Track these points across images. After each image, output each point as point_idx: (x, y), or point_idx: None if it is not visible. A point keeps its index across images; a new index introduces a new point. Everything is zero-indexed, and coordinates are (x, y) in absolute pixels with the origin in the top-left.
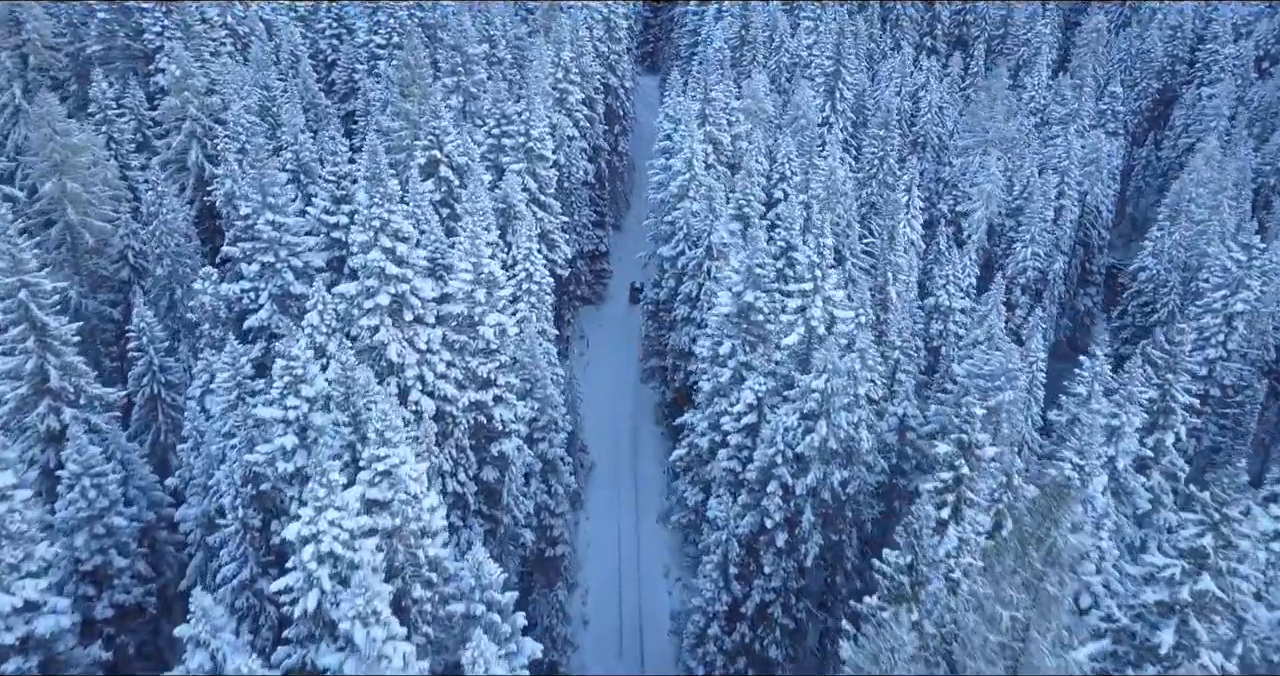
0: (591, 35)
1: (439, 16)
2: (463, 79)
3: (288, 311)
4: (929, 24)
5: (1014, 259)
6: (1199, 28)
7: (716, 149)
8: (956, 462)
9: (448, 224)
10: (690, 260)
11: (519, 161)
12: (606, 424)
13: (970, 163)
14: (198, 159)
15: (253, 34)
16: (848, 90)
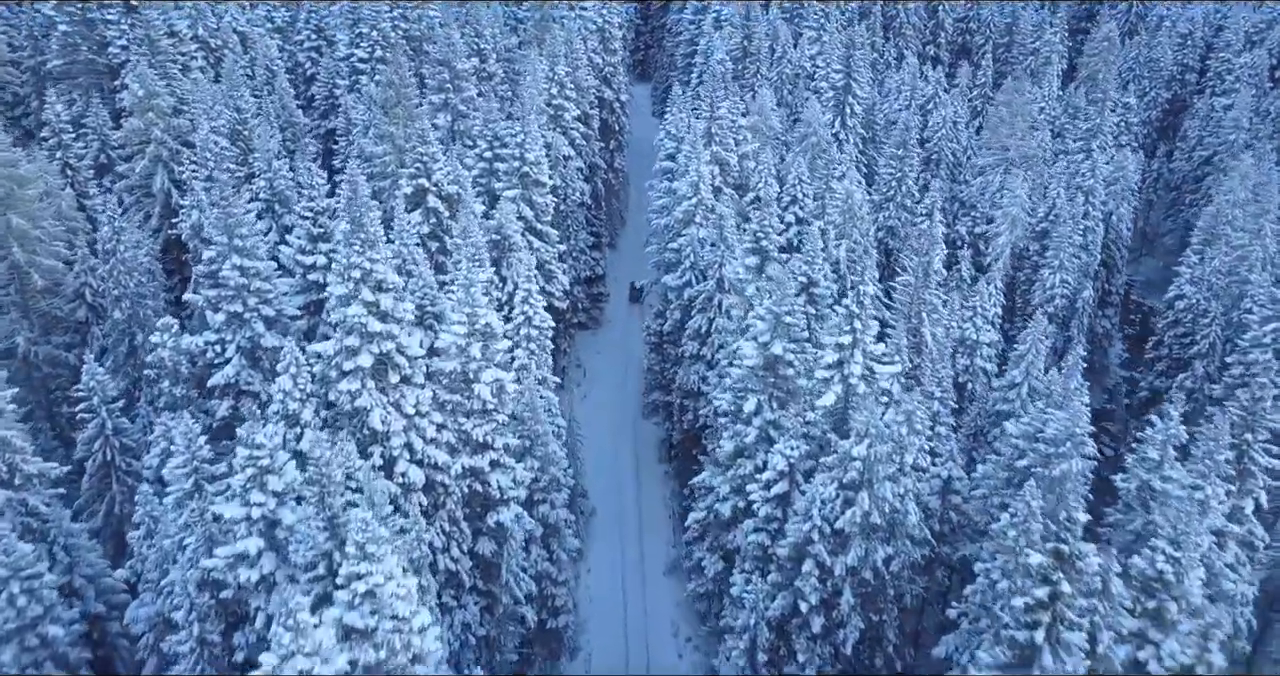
0: (586, 47)
1: (425, 28)
2: (451, 96)
3: (258, 366)
4: (932, 32)
5: (1040, 286)
6: (1208, 35)
7: (723, 169)
8: (1054, 577)
9: (437, 258)
10: (699, 293)
11: (514, 187)
12: (606, 461)
13: (990, 182)
14: (164, 185)
15: (226, 47)
16: (858, 105)
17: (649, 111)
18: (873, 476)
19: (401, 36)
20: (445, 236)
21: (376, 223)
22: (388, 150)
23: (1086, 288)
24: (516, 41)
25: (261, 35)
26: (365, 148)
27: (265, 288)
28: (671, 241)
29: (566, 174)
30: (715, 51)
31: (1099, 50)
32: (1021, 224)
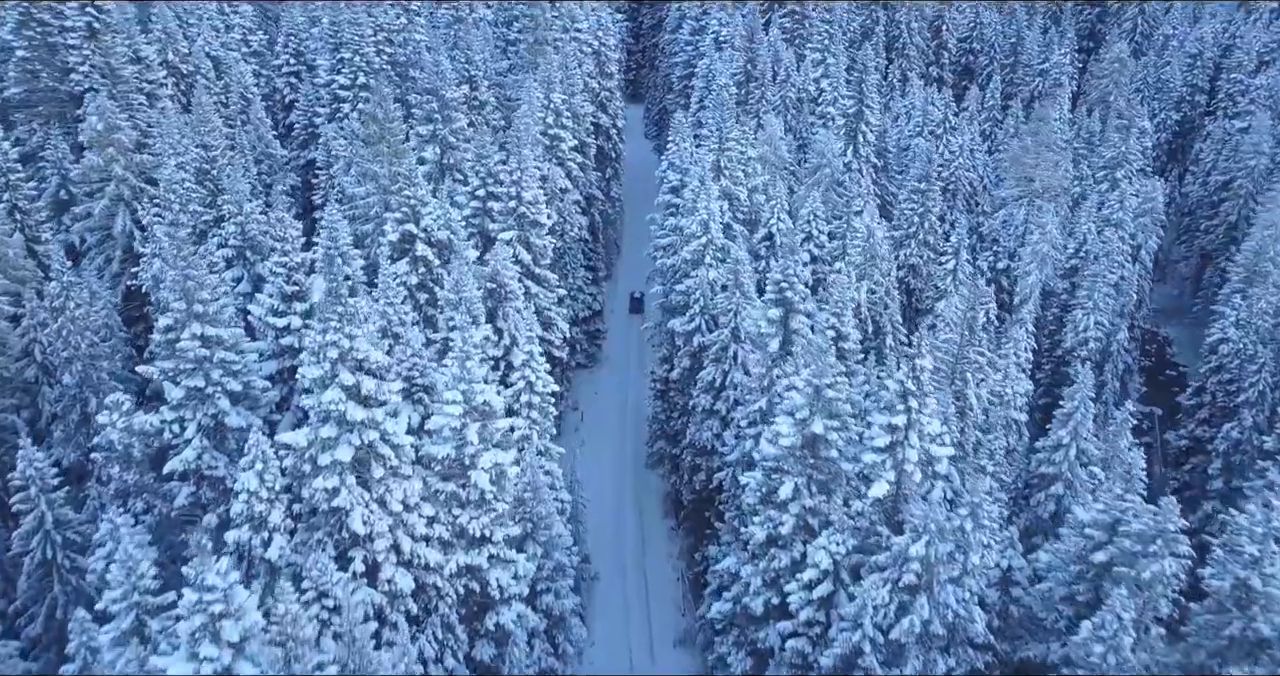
0: (582, 71)
1: (411, 52)
2: (440, 127)
3: (223, 447)
4: (935, 53)
5: (1072, 328)
6: (1217, 55)
7: (732, 204)
8: None
9: (426, 310)
10: (713, 343)
11: (510, 229)
12: (608, 516)
13: (1014, 215)
14: (126, 226)
15: (199, 73)
16: (870, 132)
17: (641, 132)
18: (933, 578)
19: (386, 62)
20: (436, 287)
21: (356, 292)
22: (371, 191)
23: (1121, 329)
24: (507, 64)
25: (237, 60)
26: (346, 188)
27: (230, 359)
28: (678, 283)
29: (564, 208)
30: (718, 75)
31: (1110, 71)
32: (1051, 261)
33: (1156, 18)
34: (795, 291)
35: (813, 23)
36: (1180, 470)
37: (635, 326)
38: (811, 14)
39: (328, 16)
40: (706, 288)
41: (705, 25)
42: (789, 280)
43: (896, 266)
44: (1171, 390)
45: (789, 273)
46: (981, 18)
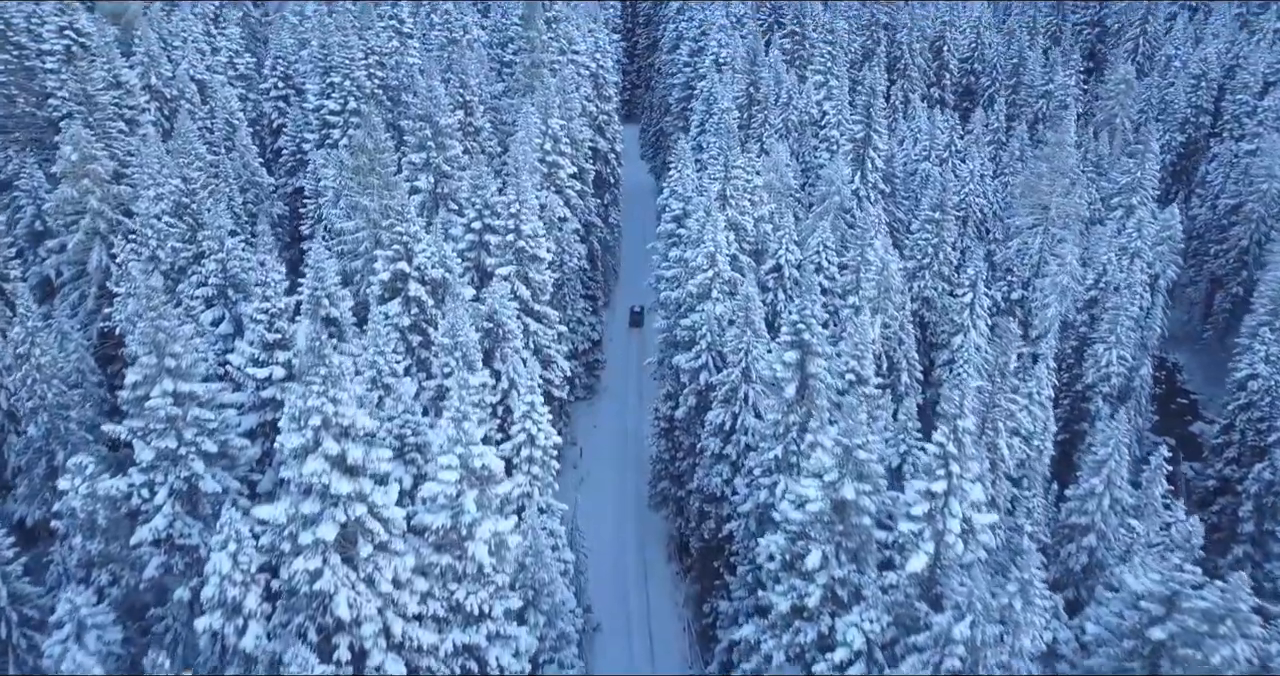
0: (579, 94)
1: (403, 76)
2: (434, 155)
3: (196, 513)
4: (936, 74)
5: (1094, 363)
6: (1221, 77)
7: (738, 234)
8: None
9: (419, 353)
10: (722, 383)
11: (508, 263)
12: (608, 558)
13: (1029, 244)
14: (101, 262)
15: (183, 98)
16: (879, 158)
17: (637, 154)
18: (979, 659)
19: (378, 86)
20: (430, 328)
21: (345, 335)
22: (360, 225)
23: (1144, 364)
24: (503, 87)
25: (223, 84)
26: (334, 222)
27: (205, 417)
28: (684, 317)
29: (563, 237)
30: (719, 99)
31: (1115, 93)
32: (1071, 293)
33: (1158, 38)
34: (813, 333)
35: (813, 44)
36: (1208, 511)
37: (635, 348)
38: (812, 35)
39: (317, 39)
40: (714, 323)
41: (704, 47)
42: (806, 321)
43: (910, 299)
44: (1184, 419)
45: (806, 313)
46: (983, 38)
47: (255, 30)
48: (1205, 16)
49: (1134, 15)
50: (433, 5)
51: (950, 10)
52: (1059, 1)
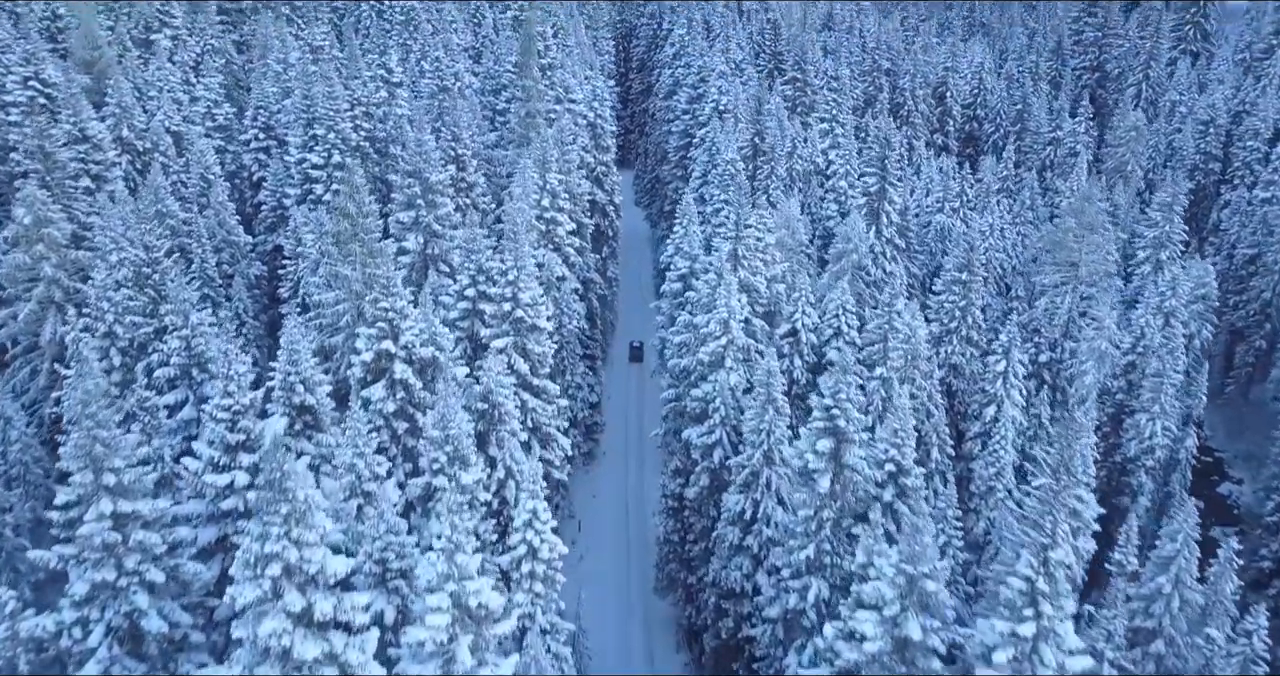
0: (577, 145)
1: (391, 128)
2: (423, 213)
3: (139, 654)
4: (940, 120)
5: (1136, 435)
6: (1228, 123)
7: (750, 296)
8: None
9: (404, 441)
10: (741, 466)
11: (504, 335)
12: (611, 648)
13: (1057, 304)
14: (56, 334)
15: (157, 150)
16: (894, 212)
17: (632, 199)
18: None
19: (364, 138)
20: (417, 412)
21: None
22: (341, 296)
23: (1189, 435)
24: (496, 136)
25: (200, 135)
26: (313, 293)
27: (151, 542)
28: (695, 386)
29: (561, 298)
30: (723, 149)
31: (1126, 140)
32: (1110, 359)
33: (1161, 83)
34: (849, 419)
35: (815, 90)
36: (1263, 594)
37: (634, 391)
38: (814, 81)
39: (300, 89)
40: (728, 394)
41: (703, 94)
42: (841, 406)
43: (937, 365)
44: (1210, 479)
45: (841, 396)
46: (985, 84)
47: (239, 78)
48: (1207, 62)
49: (1135, 61)
50: (423, 52)
51: (952, 56)
52: (1058, 46)
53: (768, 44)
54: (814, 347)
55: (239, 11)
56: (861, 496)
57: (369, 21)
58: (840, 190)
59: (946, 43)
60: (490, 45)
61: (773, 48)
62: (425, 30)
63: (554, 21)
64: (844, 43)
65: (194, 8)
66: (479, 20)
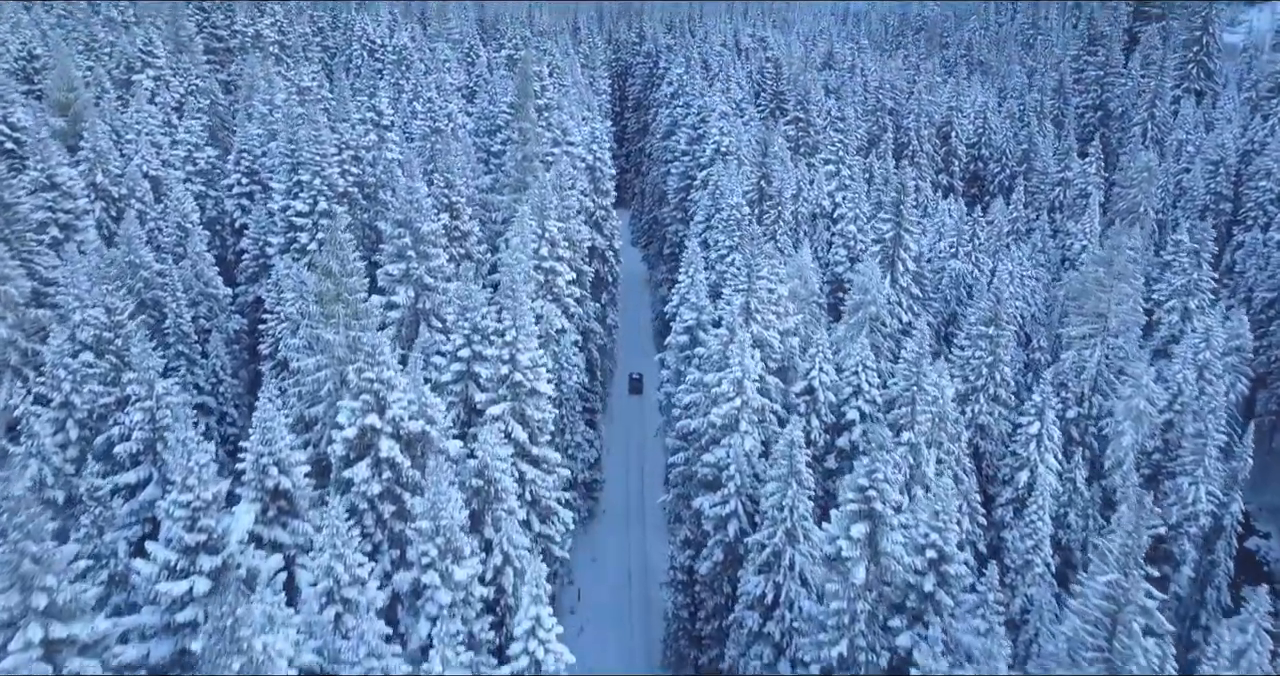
0: (576, 190)
1: (381, 173)
2: (414, 265)
3: None
4: (944, 160)
5: (1177, 501)
6: (1238, 163)
7: (763, 351)
8: None
9: (390, 526)
10: (760, 544)
11: (501, 400)
12: None
13: (1085, 358)
14: (6, 405)
15: (133, 196)
16: (910, 260)
17: (629, 240)
18: None
19: (353, 183)
20: (405, 494)
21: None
22: (323, 363)
23: (1235, 500)
24: (490, 179)
25: (180, 180)
26: (291, 359)
27: (89, 671)
28: (706, 451)
29: (561, 352)
30: (728, 193)
31: (1138, 180)
32: (1148, 418)
33: (1167, 123)
34: (886, 501)
35: (818, 131)
36: None
37: (635, 433)
38: (817, 121)
39: (285, 132)
40: (743, 460)
41: (704, 134)
42: (878, 487)
43: (964, 426)
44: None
45: (878, 476)
46: (989, 123)
47: (225, 120)
48: (1212, 101)
49: (1140, 100)
50: (415, 92)
51: (956, 95)
52: (1059, 85)
53: (769, 83)
54: (832, 407)
55: (227, 51)
56: (899, 586)
57: (360, 61)
58: (849, 235)
59: (950, 82)
60: (485, 84)
61: (774, 87)
62: (418, 70)
63: (549, 60)
64: (846, 82)
65: (180, 46)
66: (472, 59)
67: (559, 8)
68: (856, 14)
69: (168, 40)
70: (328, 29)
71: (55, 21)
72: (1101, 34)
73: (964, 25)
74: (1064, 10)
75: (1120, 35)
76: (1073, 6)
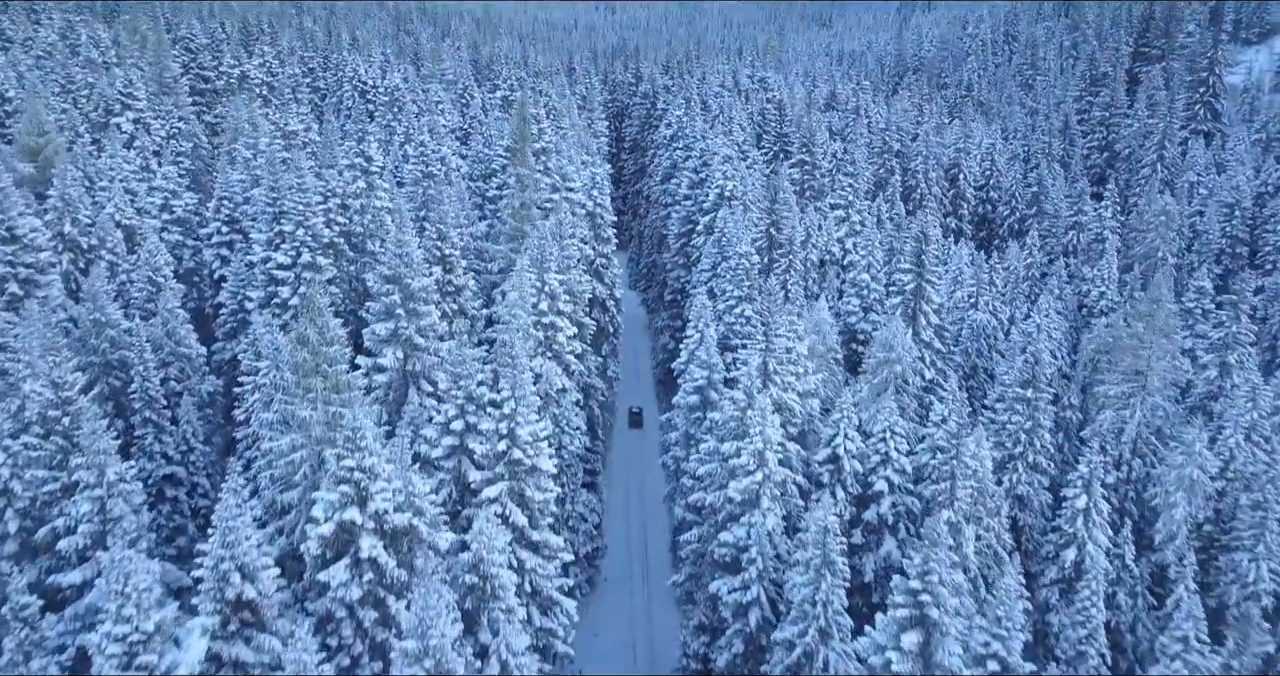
0: (576, 238)
1: (369, 222)
2: (403, 324)
3: None
4: (953, 203)
5: (1236, 578)
6: (1253, 206)
7: (782, 414)
8: None
9: (371, 636)
10: (789, 642)
11: (498, 479)
12: None
13: (1126, 419)
14: None
15: (104, 247)
16: (933, 313)
17: (626, 282)
18: None
19: (339, 234)
20: (389, 597)
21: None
22: (298, 443)
23: None
24: (486, 227)
25: (156, 229)
26: (264, 440)
27: None
28: (724, 529)
29: (562, 414)
30: (736, 241)
31: (1155, 224)
32: (1201, 488)
33: (1177, 164)
34: (942, 606)
35: (824, 173)
36: None
37: (635, 504)
38: (823, 164)
39: (267, 180)
40: (765, 541)
41: (706, 178)
42: (933, 590)
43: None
44: None
45: (932, 579)
46: (996, 165)
47: (208, 163)
48: (1221, 142)
49: (1149, 141)
50: (407, 135)
51: (964, 137)
52: (1065, 126)
53: (771, 125)
54: (858, 477)
55: (214, 92)
56: None
57: (351, 101)
58: (862, 283)
59: (956, 123)
60: (479, 126)
61: (777, 129)
62: (410, 111)
63: (546, 101)
64: (851, 124)
65: (164, 88)
66: (467, 100)
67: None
68: (852, 54)
69: (151, 81)
70: (319, 70)
71: (34, 62)
72: (1104, 74)
73: (962, 65)
74: (1061, 51)
75: (1122, 75)
76: (1069, 47)
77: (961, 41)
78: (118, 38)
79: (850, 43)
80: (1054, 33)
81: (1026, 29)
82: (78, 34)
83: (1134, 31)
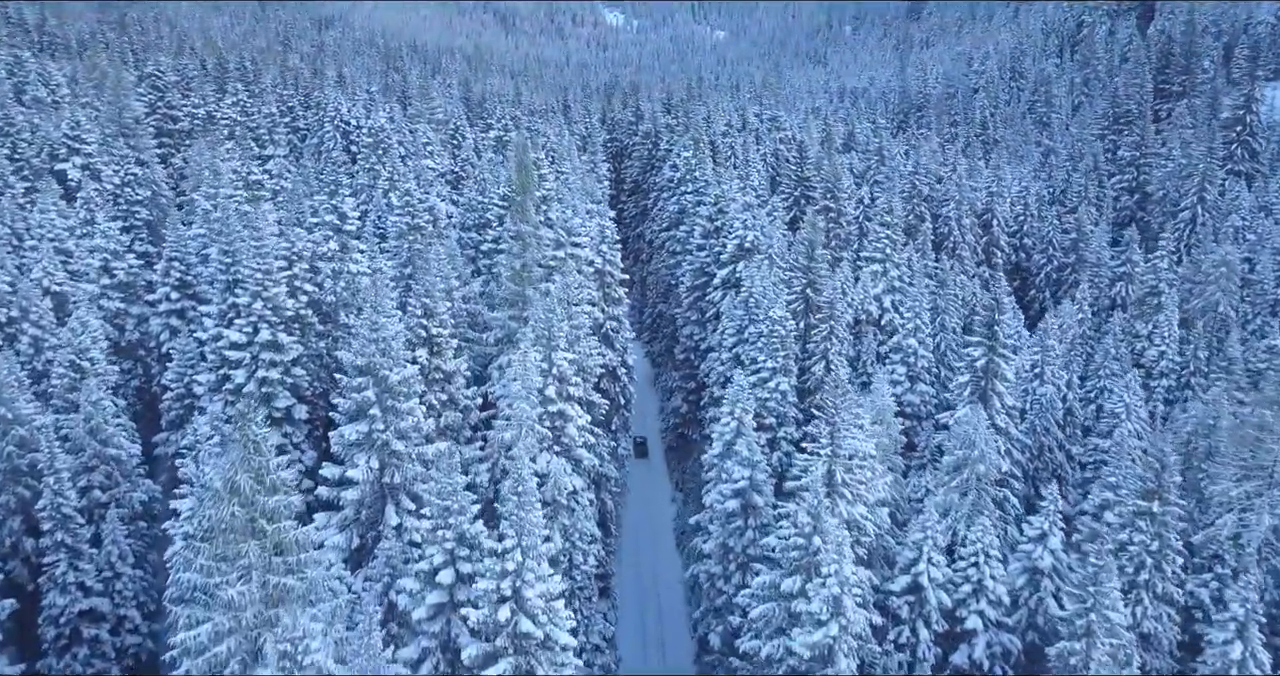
0: (585, 304)
1: (343, 290)
2: (378, 428)
3: None
4: (985, 251)
5: None
6: None
7: (851, 531)
8: None
9: None
10: None
11: (502, 655)
12: None
13: (1251, 522)
14: None
15: (26, 319)
16: (1008, 394)
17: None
18: None
19: (305, 304)
20: None
21: None
22: (223, 630)
23: None
24: (480, 286)
25: (90, 297)
26: (180, 615)
27: None
28: None
29: (573, 525)
30: (768, 303)
31: (1215, 276)
32: None
33: (1218, 207)
34: None
35: (850, 221)
36: None
37: (649, 569)
38: (849, 211)
39: (219, 245)
40: None
41: (722, 226)
42: None
43: None
44: None
45: None
46: (1030, 210)
47: (167, 214)
48: (1264, 183)
49: (1187, 183)
50: (391, 181)
51: (996, 179)
52: (1094, 166)
53: (789, 168)
54: (944, 612)
55: (183, 133)
56: None
57: (333, 142)
58: (908, 350)
59: (990, 164)
60: (472, 170)
61: (798, 172)
62: (395, 154)
63: (544, 141)
64: (873, 165)
65: (123, 130)
66: (458, 141)
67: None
68: (853, 91)
69: (109, 122)
70: (298, 108)
71: None
72: (1127, 112)
73: (971, 103)
74: (1072, 88)
75: (1149, 114)
76: (1080, 84)
77: (968, 78)
78: (74, 75)
79: (850, 80)
80: (1063, 69)
81: (1034, 66)
82: (26, 71)
83: (1153, 68)
